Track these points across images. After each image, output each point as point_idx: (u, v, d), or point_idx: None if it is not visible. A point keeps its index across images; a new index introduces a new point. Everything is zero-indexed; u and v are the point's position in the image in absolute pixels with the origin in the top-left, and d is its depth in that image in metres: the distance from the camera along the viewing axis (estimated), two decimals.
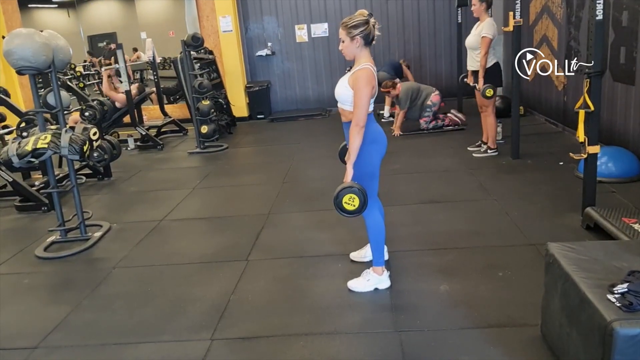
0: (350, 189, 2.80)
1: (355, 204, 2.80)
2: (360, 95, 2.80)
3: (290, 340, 2.70)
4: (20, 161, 3.91)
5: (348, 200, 2.80)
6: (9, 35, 3.88)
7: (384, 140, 3.01)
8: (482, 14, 5.49)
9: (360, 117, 2.81)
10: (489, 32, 5.30)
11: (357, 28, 2.82)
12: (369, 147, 2.91)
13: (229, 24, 9.10)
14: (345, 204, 2.81)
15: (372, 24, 2.84)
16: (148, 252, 4.04)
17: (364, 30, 2.81)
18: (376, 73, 2.92)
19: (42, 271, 3.85)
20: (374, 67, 2.88)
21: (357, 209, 2.81)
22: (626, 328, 1.81)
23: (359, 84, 2.81)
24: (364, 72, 2.82)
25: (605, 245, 2.52)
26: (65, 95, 4.86)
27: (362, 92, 2.80)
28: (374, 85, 2.85)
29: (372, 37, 2.86)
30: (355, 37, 2.83)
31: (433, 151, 6.20)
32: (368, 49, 2.90)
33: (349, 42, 2.85)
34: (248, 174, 6.19)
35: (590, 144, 3.56)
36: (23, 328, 3.06)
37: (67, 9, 15.06)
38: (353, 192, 2.79)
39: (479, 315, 2.76)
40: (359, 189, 2.80)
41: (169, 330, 2.89)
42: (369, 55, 2.91)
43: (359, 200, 2.79)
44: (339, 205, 2.82)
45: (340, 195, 2.80)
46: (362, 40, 2.84)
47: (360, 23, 2.82)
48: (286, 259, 3.68)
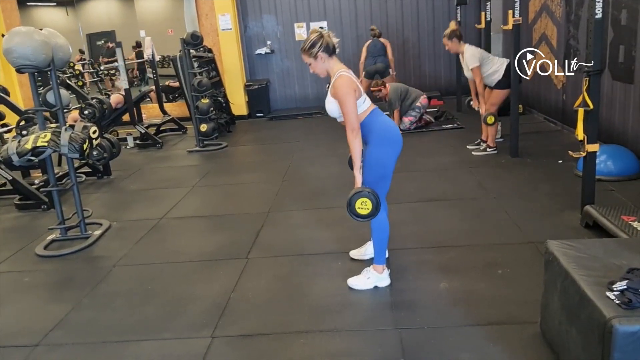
0: (360, 193, 2.84)
1: (369, 207, 2.83)
2: (344, 102, 2.85)
3: (291, 338, 2.71)
4: (20, 159, 3.91)
5: (361, 205, 2.84)
6: (8, 34, 3.88)
7: (396, 137, 2.99)
8: (458, 48, 5.63)
9: (351, 122, 2.85)
10: (474, 62, 5.46)
11: (314, 46, 2.88)
12: (378, 148, 2.93)
13: (228, 22, 9.09)
14: (359, 209, 2.85)
15: (327, 35, 2.90)
16: (148, 250, 4.05)
17: (321, 45, 2.88)
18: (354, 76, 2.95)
19: (42, 269, 3.86)
20: (348, 71, 2.93)
21: (372, 211, 2.85)
22: (625, 325, 1.81)
23: (339, 93, 2.87)
24: (339, 80, 2.87)
25: (605, 243, 2.54)
26: (65, 93, 4.86)
27: (346, 99, 2.85)
28: (354, 87, 2.88)
29: (332, 47, 2.92)
30: (317, 55, 2.90)
31: (432, 150, 6.21)
32: (334, 58, 2.96)
33: (315, 61, 2.93)
34: (247, 172, 6.19)
35: (590, 142, 3.57)
36: (24, 326, 3.06)
37: (66, 7, 15.02)
38: (364, 196, 2.83)
39: (479, 312, 2.77)
40: (369, 191, 2.84)
41: (169, 328, 2.90)
42: (338, 62, 2.97)
43: (371, 202, 2.83)
44: (353, 211, 2.86)
45: (352, 201, 2.84)
46: (325, 54, 2.91)
47: (316, 40, 2.88)
48: (286, 257, 3.69)
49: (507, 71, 5.41)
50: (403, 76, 9.47)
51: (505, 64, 5.47)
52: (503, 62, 5.50)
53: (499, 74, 5.47)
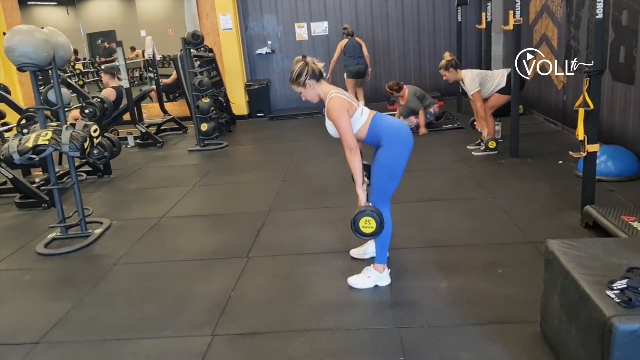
0: (363, 212, 2.87)
1: (373, 226, 2.87)
2: (339, 124, 2.91)
3: (291, 336, 2.71)
4: (20, 158, 3.92)
5: (365, 224, 2.87)
6: (9, 32, 3.89)
7: (406, 137, 3.00)
8: (456, 77, 5.69)
9: (348, 142, 2.91)
10: (474, 87, 5.55)
11: (301, 75, 2.95)
12: (390, 150, 2.95)
13: (228, 22, 9.10)
14: (363, 228, 2.88)
15: (311, 61, 2.96)
16: (148, 249, 4.05)
17: (307, 73, 2.94)
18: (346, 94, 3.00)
19: (42, 267, 3.86)
20: (338, 91, 2.98)
21: (376, 229, 2.88)
22: (625, 324, 1.82)
23: (332, 115, 2.92)
24: (331, 103, 2.92)
25: (605, 243, 2.54)
26: (66, 92, 4.87)
27: (339, 120, 2.89)
28: (347, 106, 2.92)
29: (319, 72, 2.97)
30: (305, 83, 2.96)
31: (432, 149, 6.21)
32: (323, 82, 3.01)
33: (304, 89, 3.00)
34: (248, 172, 6.20)
35: (590, 143, 3.57)
36: (24, 324, 3.07)
37: (67, 7, 15.04)
38: (367, 215, 2.86)
39: (479, 311, 2.78)
40: (372, 210, 2.87)
41: (170, 326, 2.90)
42: (327, 85, 3.03)
43: (374, 221, 2.86)
44: (357, 230, 2.89)
45: (356, 220, 2.88)
46: (313, 80, 2.96)
47: (301, 69, 2.95)
48: (286, 256, 3.69)
49: (510, 79, 5.46)
50: (403, 76, 9.49)
51: (506, 74, 5.55)
52: (504, 73, 5.62)
53: (502, 84, 5.57)
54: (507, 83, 5.51)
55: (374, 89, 9.62)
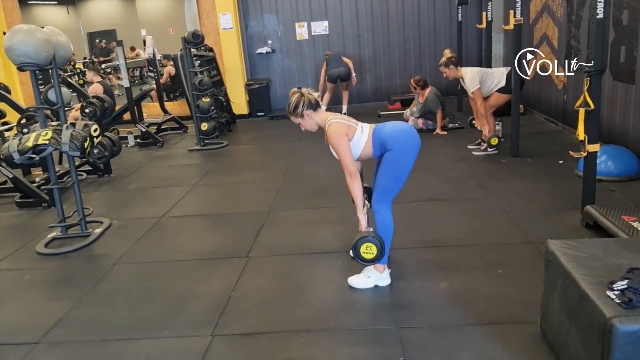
0: (365, 238, 2.90)
1: (374, 251, 2.91)
2: (339, 150, 2.96)
3: (291, 337, 2.71)
4: (21, 157, 3.91)
5: (366, 250, 2.91)
6: (10, 32, 3.88)
7: (411, 138, 3.02)
8: (456, 74, 5.68)
9: (347, 167, 2.95)
10: (474, 85, 5.52)
11: (298, 106, 2.99)
12: (397, 153, 2.97)
13: (229, 22, 9.09)
14: (364, 254, 2.92)
15: (306, 92, 3.01)
16: (148, 248, 4.05)
17: (304, 104, 2.99)
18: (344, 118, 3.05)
19: (43, 267, 3.86)
20: (335, 117, 3.02)
21: (377, 255, 2.92)
22: (625, 324, 1.82)
23: (332, 142, 2.98)
24: (329, 130, 2.97)
25: (605, 243, 2.54)
26: (66, 91, 4.86)
27: (339, 147, 2.94)
28: (346, 131, 2.97)
29: (315, 102, 3.01)
30: (303, 114, 3.00)
31: (433, 149, 6.20)
32: (319, 110, 3.05)
33: (303, 120, 3.05)
34: (248, 172, 6.20)
35: (590, 143, 3.57)
36: (24, 324, 3.06)
37: (67, 6, 15.03)
38: (368, 241, 2.90)
39: (479, 312, 2.77)
40: (374, 236, 2.91)
41: (170, 326, 2.90)
42: (323, 112, 3.07)
43: (376, 247, 2.90)
44: (358, 255, 2.93)
45: (357, 246, 2.91)
46: (310, 110, 3.00)
47: (298, 100, 2.99)
48: (286, 256, 3.69)
49: (510, 77, 5.45)
50: (404, 75, 9.49)
51: (506, 72, 5.53)
52: (504, 72, 5.59)
53: (502, 84, 5.55)
54: (507, 82, 5.49)
55: (374, 89, 9.63)
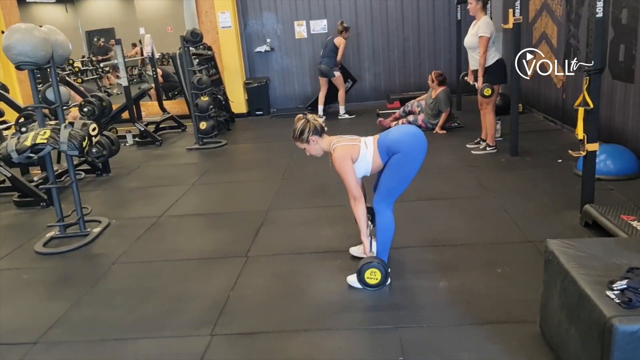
0: (369, 264, 2.96)
1: (378, 277, 2.96)
2: (343, 175, 3.02)
3: (290, 336, 2.71)
4: (19, 156, 3.90)
5: (370, 275, 2.96)
6: (8, 30, 3.87)
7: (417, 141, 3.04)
8: (478, 13, 5.46)
9: (352, 192, 3.03)
10: (486, 31, 5.30)
11: (304, 132, 3.04)
12: (405, 155, 2.99)
13: (227, 20, 9.08)
14: (368, 279, 2.98)
15: (312, 119, 3.05)
16: (147, 248, 4.04)
17: (310, 129, 3.03)
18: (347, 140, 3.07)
19: (41, 267, 3.85)
20: (339, 140, 3.05)
21: (381, 281, 2.98)
22: (625, 324, 1.81)
23: (337, 167, 3.02)
24: (334, 155, 3.03)
25: (604, 242, 2.54)
26: (64, 90, 4.85)
27: (344, 171, 3.00)
28: (350, 154, 3.00)
29: (320, 127, 3.05)
30: (309, 139, 3.04)
31: (432, 148, 6.09)
32: (325, 136, 3.09)
33: (308, 145, 3.09)
34: (247, 170, 6.19)
35: (590, 142, 3.57)
36: (22, 323, 3.06)
37: (65, 4, 15.01)
38: (373, 267, 2.95)
39: (478, 311, 2.77)
40: (379, 262, 2.96)
41: (168, 326, 2.90)
42: (327, 138, 3.11)
43: (380, 273, 2.95)
44: (362, 280, 2.98)
45: (362, 271, 2.97)
46: (316, 136, 3.06)
47: (303, 126, 3.04)
48: (285, 255, 3.68)
49: (497, 65, 5.40)
50: (403, 75, 9.49)
51: (496, 58, 5.45)
52: (496, 55, 5.47)
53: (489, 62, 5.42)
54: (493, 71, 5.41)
55: (374, 88, 9.62)
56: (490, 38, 5.33)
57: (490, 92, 5.38)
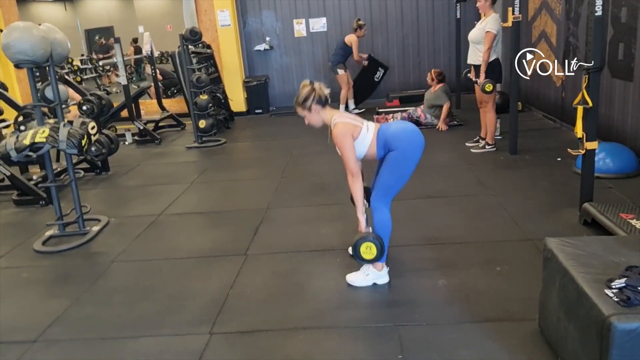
0: (365, 238, 2.93)
1: (374, 252, 2.93)
2: (343, 150, 2.96)
3: (289, 335, 2.71)
4: (18, 155, 3.90)
5: (365, 250, 2.93)
6: (7, 29, 3.86)
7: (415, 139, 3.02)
8: (487, 10, 5.48)
9: (350, 168, 2.97)
10: (493, 27, 5.31)
11: (307, 100, 2.99)
12: (403, 152, 2.97)
13: (227, 18, 9.07)
14: (364, 254, 2.94)
15: (318, 87, 2.99)
16: (146, 246, 4.04)
17: (314, 98, 2.98)
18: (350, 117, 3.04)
19: (40, 265, 3.85)
20: (341, 116, 3.03)
21: (377, 255, 2.94)
22: (624, 323, 1.82)
23: (338, 142, 2.98)
24: (335, 130, 2.98)
25: (603, 241, 2.54)
26: (63, 89, 4.84)
27: (344, 146, 2.95)
28: (351, 131, 2.96)
29: (324, 98, 3.01)
30: (311, 108, 2.99)
31: (431, 146, 6.12)
32: (327, 107, 3.05)
33: (309, 114, 3.04)
34: (246, 169, 6.19)
35: (589, 140, 3.57)
36: (22, 322, 3.06)
37: (64, 3, 14.99)
38: (368, 241, 2.92)
39: (477, 309, 2.78)
40: (374, 237, 2.93)
41: (168, 324, 2.90)
42: (330, 110, 3.07)
43: (375, 247, 2.92)
44: (358, 255, 2.95)
45: (357, 246, 2.93)
46: (319, 106, 3.00)
47: (308, 94, 2.98)
48: (285, 254, 3.68)
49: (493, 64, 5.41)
50: (403, 74, 9.48)
51: (494, 57, 5.45)
52: (493, 55, 5.46)
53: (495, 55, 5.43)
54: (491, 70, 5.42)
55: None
56: (497, 35, 5.34)
57: (492, 87, 5.38)
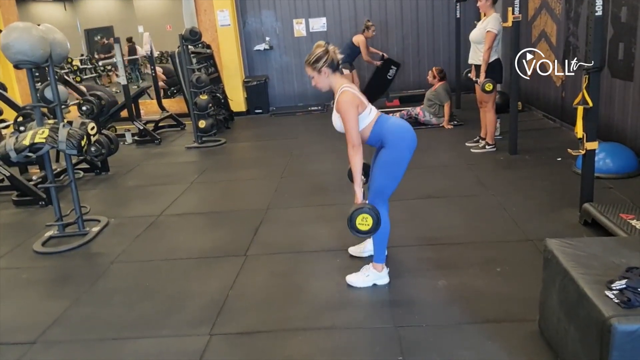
0: (361, 209, 2.86)
1: (369, 223, 2.87)
2: (347, 118, 2.89)
3: (289, 335, 2.71)
4: (17, 156, 3.90)
5: (361, 221, 2.86)
6: (6, 29, 3.86)
7: (411, 138, 3.01)
8: (488, 10, 5.48)
9: (352, 138, 2.90)
10: (494, 27, 5.31)
11: (319, 61, 2.92)
12: (394, 150, 2.95)
13: (226, 18, 9.06)
14: (359, 225, 2.88)
15: (332, 51, 2.94)
16: (146, 247, 4.04)
17: (326, 60, 2.92)
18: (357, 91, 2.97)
19: (40, 266, 3.85)
20: (351, 86, 2.96)
21: (372, 227, 2.88)
22: (624, 324, 1.81)
23: (342, 109, 2.90)
24: (342, 96, 2.90)
25: (604, 242, 2.53)
26: (63, 89, 4.84)
27: (348, 115, 2.88)
28: (357, 103, 2.91)
29: (337, 63, 2.96)
30: (321, 70, 2.93)
31: (431, 146, 6.20)
32: (337, 73, 2.99)
33: (318, 75, 2.97)
34: (246, 169, 6.18)
35: (589, 140, 3.56)
36: (21, 323, 3.05)
37: (64, 3, 14.97)
38: (365, 212, 2.86)
39: (477, 310, 2.77)
40: (370, 208, 2.87)
41: (167, 325, 2.90)
42: (340, 77, 3.02)
43: (372, 218, 2.86)
44: (353, 227, 2.89)
45: (353, 217, 2.87)
46: (329, 69, 2.94)
47: (321, 55, 2.92)
48: (285, 254, 3.68)
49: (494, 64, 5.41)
50: (402, 73, 9.46)
51: (495, 57, 5.45)
52: (494, 55, 5.47)
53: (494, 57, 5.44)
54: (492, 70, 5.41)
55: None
56: (497, 35, 5.34)
57: (492, 87, 5.37)
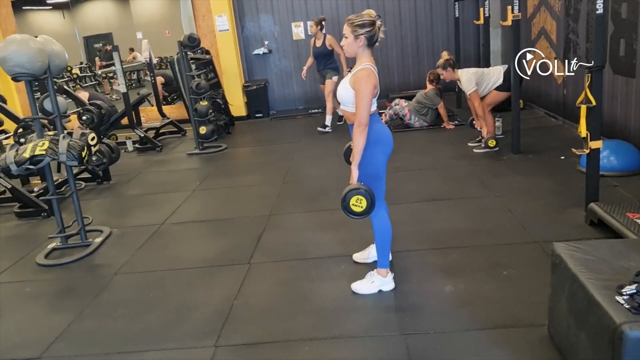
0: (356, 190, 2.79)
1: (363, 205, 2.79)
2: (362, 95, 2.78)
3: (295, 346, 2.68)
4: (18, 168, 3.88)
5: (355, 202, 2.79)
6: (3, 42, 3.85)
7: (389, 139, 2.97)
8: (453, 76, 5.68)
9: (362, 117, 2.79)
10: (471, 87, 5.52)
11: (362, 27, 2.81)
12: (372, 148, 2.87)
13: (225, 23, 9.04)
14: (353, 206, 2.80)
15: (378, 26, 2.84)
16: (149, 257, 4.01)
17: (369, 31, 2.81)
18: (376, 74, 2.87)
19: (43, 279, 3.83)
20: (375, 68, 2.86)
21: (365, 209, 2.80)
22: (636, 331, 1.78)
23: (359, 84, 2.79)
24: (364, 72, 2.80)
25: (612, 245, 2.50)
26: (62, 100, 4.83)
27: (363, 92, 2.78)
28: (375, 84, 2.83)
29: (375, 39, 2.85)
30: (359, 37, 2.82)
31: (433, 148, 6.17)
32: (370, 50, 2.88)
33: (352, 40, 2.84)
34: (248, 175, 6.15)
35: (593, 139, 3.53)
36: (25, 338, 3.03)
37: (62, 10, 14.98)
38: (359, 194, 2.78)
39: (485, 315, 2.74)
40: (366, 190, 2.79)
41: (172, 337, 2.87)
42: (370, 55, 2.89)
43: (366, 201, 2.78)
44: (347, 207, 2.81)
45: (347, 197, 2.79)
46: (366, 41, 2.83)
47: (367, 23, 2.81)
48: (289, 262, 3.65)
49: (507, 75, 5.43)
50: (402, 73, 9.45)
51: (503, 71, 5.52)
52: (501, 70, 5.58)
53: (499, 82, 5.54)
54: (505, 80, 5.47)
55: None
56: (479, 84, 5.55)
57: (495, 143, 5.60)
